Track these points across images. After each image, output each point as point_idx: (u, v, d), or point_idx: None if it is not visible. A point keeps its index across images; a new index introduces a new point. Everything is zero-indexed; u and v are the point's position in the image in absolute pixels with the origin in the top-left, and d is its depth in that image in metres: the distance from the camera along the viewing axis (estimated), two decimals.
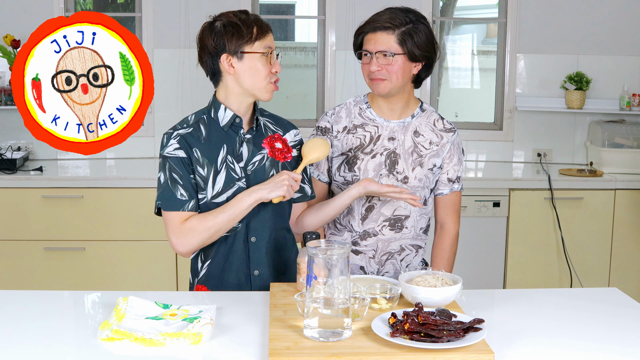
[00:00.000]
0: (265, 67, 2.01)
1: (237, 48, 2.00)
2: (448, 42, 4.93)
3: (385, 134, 2.25)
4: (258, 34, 2.00)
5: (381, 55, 2.15)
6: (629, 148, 4.20)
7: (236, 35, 1.99)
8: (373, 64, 2.16)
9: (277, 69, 2.05)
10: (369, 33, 2.18)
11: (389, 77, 2.16)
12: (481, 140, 4.51)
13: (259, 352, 1.60)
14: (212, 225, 1.98)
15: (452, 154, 2.29)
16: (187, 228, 1.99)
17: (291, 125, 2.20)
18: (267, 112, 2.19)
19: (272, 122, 2.16)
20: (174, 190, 2.01)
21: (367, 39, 2.18)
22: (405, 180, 2.23)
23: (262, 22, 2.03)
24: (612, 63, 4.41)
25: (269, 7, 5.18)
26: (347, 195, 2.12)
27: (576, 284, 3.96)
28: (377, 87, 2.18)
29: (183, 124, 2.07)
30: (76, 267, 3.80)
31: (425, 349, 1.54)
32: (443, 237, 2.33)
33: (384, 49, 2.15)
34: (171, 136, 2.04)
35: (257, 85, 2.02)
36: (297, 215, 2.20)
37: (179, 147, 2.02)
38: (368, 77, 2.20)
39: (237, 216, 2.00)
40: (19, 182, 3.77)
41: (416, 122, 2.27)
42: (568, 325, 1.81)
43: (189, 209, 2.01)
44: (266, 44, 2.01)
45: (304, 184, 2.18)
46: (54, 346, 1.64)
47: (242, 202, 1.99)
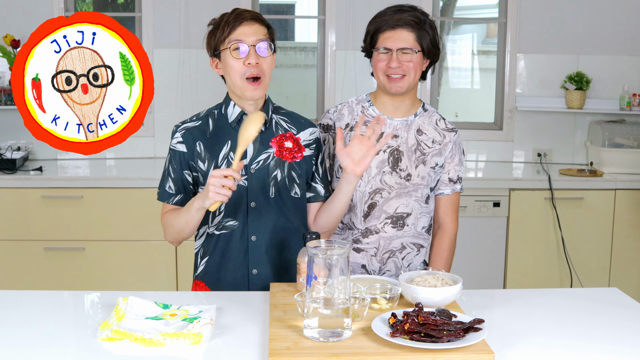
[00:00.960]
0: (237, 62, 1.98)
1: (215, 50, 2.02)
2: (448, 42, 4.92)
3: (388, 132, 2.25)
4: (228, 30, 1.97)
5: (401, 52, 2.16)
6: (629, 148, 4.19)
7: (213, 36, 2.02)
8: (394, 61, 2.16)
9: (251, 61, 1.97)
10: (388, 30, 2.17)
11: (408, 73, 2.17)
12: (481, 140, 4.51)
13: (259, 352, 1.60)
14: (174, 224, 2.05)
15: (454, 153, 2.30)
16: (164, 221, 2.11)
17: (309, 124, 2.15)
18: (284, 110, 2.16)
19: (287, 120, 2.13)
20: (166, 182, 2.10)
21: (386, 37, 2.18)
22: (409, 178, 2.23)
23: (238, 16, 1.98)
24: (612, 63, 4.41)
25: (269, 7, 5.18)
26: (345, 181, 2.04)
27: (576, 284, 3.96)
28: (396, 85, 2.18)
29: (193, 117, 2.12)
30: (76, 267, 3.80)
31: (425, 349, 1.54)
32: (442, 236, 2.34)
33: (407, 45, 2.16)
34: (178, 129, 2.11)
35: (235, 83, 2.01)
36: (314, 215, 2.17)
37: (181, 140, 2.08)
38: (385, 74, 2.19)
39: (189, 221, 1.99)
40: (18, 182, 3.76)
41: (419, 121, 2.28)
42: (568, 325, 1.81)
43: (173, 202, 2.09)
44: (234, 37, 1.97)
45: (315, 184, 2.15)
46: (54, 346, 1.64)
47: (188, 208, 1.97)
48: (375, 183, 2.24)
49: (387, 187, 2.24)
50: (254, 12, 2.03)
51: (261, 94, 2.03)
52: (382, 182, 2.23)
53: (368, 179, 2.24)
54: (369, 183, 2.24)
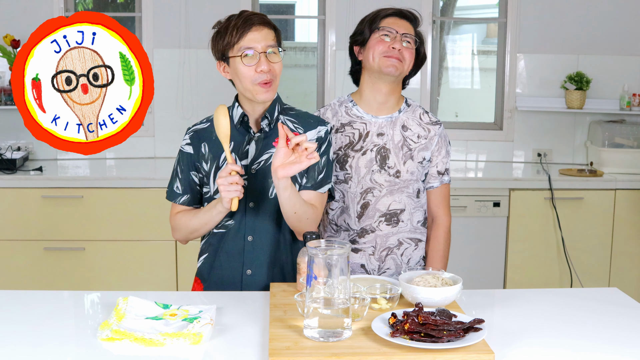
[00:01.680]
0: (248, 69, 1.98)
1: (224, 54, 2.02)
2: (448, 42, 4.92)
3: (374, 130, 2.26)
4: (237, 36, 1.98)
5: (404, 37, 2.21)
6: (629, 148, 4.19)
7: (220, 41, 2.02)
8: (397, 42, 2.19)
9: (263, 68, 1.98)
10: (395, 17, 2.23)
11: (405, 59, 2.21)
12: (481, 140, 4.51)
13: (259, 352, 1.60)
14: (188, 225, 2.09)
15: (440, 146, 2.32)
16: (174, 221, 2.14)
17: (319, 123, 2.10)
18: (293, 112, 2.14)
19: (294, 121, 2.11)
20: (174, 182, 2.14)
21: (392, 22, 2.22)
22: (398, 175, 2.24)
23: (247, 21, 1.98)
24: (612, 63, 4.41)
25: (269, 7, 5.18)
26: (278, 190, 1.91)
27: (576, 284, 3.96)
28: (392, 66, 2.19)
29: (204, 120, 2.16)
30: (76, 267, 3.80)
31: (425, 349, 1.54)
32: (436, 230, 2.34)
33: (410, 32, 2.22)
34: (188, 131, 2.15)
35: (246, 87, 2.01)
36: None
37: (189, 142, 2.12)
38: (383, 55, 2.20)
39: (208, 222, 2.04)
40: (19, 182, 3.76)
41: (403, 117, 2.29)
42: (568, 325, 1.81)
43: (181, 202, 2.13)
44: (244, 44, 1.98)
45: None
46: (54, 346, 1.64)
47: (210, 211, 2.02)
48: (366, 183, 2.24)
49: (378, 186, 2.25)
50: (261, 16, 2.02)
51: (272, 96, 2.04)
52: (372, 181, 2.24)
53: (358, 179, 2.24)
54: (359, 183, 2.24)
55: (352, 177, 2.24)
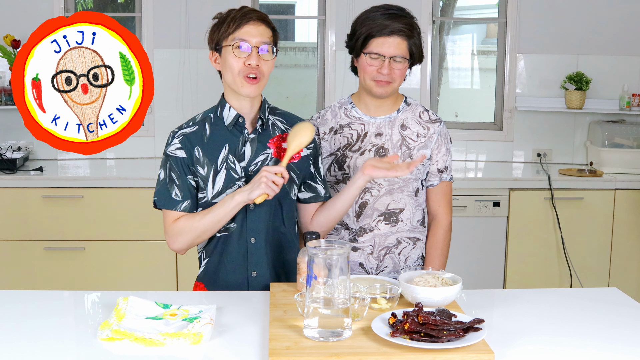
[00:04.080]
0: (237, 61, 1.97)
1: (218, 44, 2.00)
2: (448, 42, 4.92)
3: (372, 131, 2.26)
4: (234, 27, 1.96)
5: (393, 60, 2.17)
6: (629, 148, 4.19)
7: (217, 30, 2.00)
8: (385, 67, 2.17)
9: (252, 62, 1.96)
10: (382, 37, 2.17)
11: (394, 80, 2.20)
12: (481, 140, 4.51)
13: (259, 352, 1.60)
14: (198, 226, 2.00)
15: (440, 144, 2.31)
16: (177, 227, 2.03)
17: None
18: (280, 111, 2.15)
19: (283, 120, 2.11)
20: (170, 189, 2.03)
21: (379, 42, 2.17)
22: None
23: (246, 15, 1.97)
24: (612, 63, 4.41)
25: (269, 7, 5.18)
26: (355, 187, 2.07)
27: (576, 284, 3.96)
28: (381, 89, 2.20)
29: (189, 122, 2.08)
30: (76, 267, 3.80)
31: (425, 349, 1.54)
32: (436, 227, 2.34)
33: (399, 54, 2.17)
34: (175, 135, 2.05)
35: (232, 79, 1.99)
36: (311, 215, 2.16)
37: (180, 147, 2.03)
38: (372, 79, 2.20)
39: (222, 219, 1.99)
40: (19, 182, 3.76)
41: (402, 116, 2.29)
42: (568, 325, 1.81)
43: (182, 209, 2.03)
44: (238, 36, 1.96)
45: (316, 184, 2.14)
46: (54, 346, 1.64)
47: (225, 204, 1.97)
48: None
49: (377, 185, 2.25)
50: (261, 13, 2.01)
51: (257, 92, 2.01)
52: (370, 180, 2.24)
53: None
54: None
55: (350, 177, 2.24)
